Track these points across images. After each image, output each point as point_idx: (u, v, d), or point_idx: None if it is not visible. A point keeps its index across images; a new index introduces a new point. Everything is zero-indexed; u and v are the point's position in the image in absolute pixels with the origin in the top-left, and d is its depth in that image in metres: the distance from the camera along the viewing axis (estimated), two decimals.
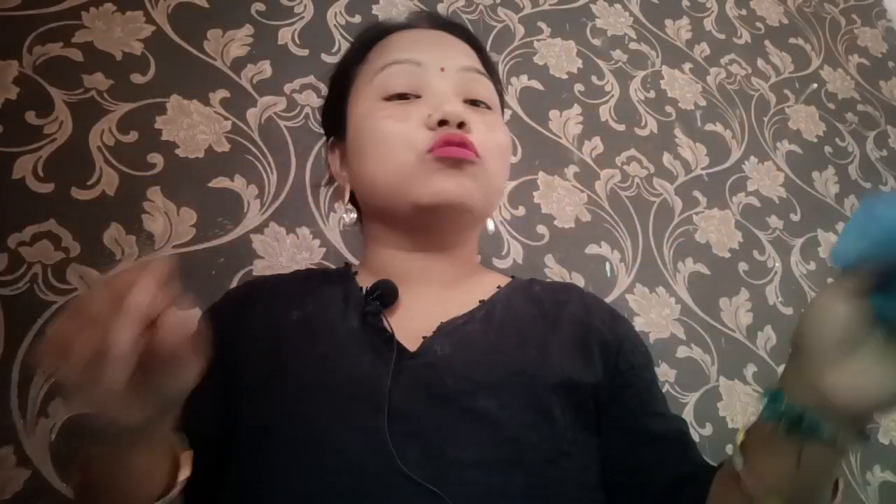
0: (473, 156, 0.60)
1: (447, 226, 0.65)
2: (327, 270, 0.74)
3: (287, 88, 1.10)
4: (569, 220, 1.20)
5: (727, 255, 1.30)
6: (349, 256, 1.01)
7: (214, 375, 0.59)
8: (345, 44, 1.18)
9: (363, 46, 0.71)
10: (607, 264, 1.19)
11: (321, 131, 1.12)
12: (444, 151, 0.59)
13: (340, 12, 1.21)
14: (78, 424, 0.78)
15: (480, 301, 0.63)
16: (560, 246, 1.17)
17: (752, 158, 1.44)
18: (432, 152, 0.59)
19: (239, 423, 0.58)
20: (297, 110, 1.09)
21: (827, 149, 1.55)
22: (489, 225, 0.71)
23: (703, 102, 1.46)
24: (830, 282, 0.41)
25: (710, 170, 1.38)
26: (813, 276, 1.35)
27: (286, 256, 0.98)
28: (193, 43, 1.07)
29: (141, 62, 1.02)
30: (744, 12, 1.65)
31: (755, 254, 1.33)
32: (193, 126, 1.01)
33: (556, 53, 1.38)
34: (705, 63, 1.52)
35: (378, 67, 0.65)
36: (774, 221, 1.38)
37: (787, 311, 1.28)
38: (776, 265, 1.33)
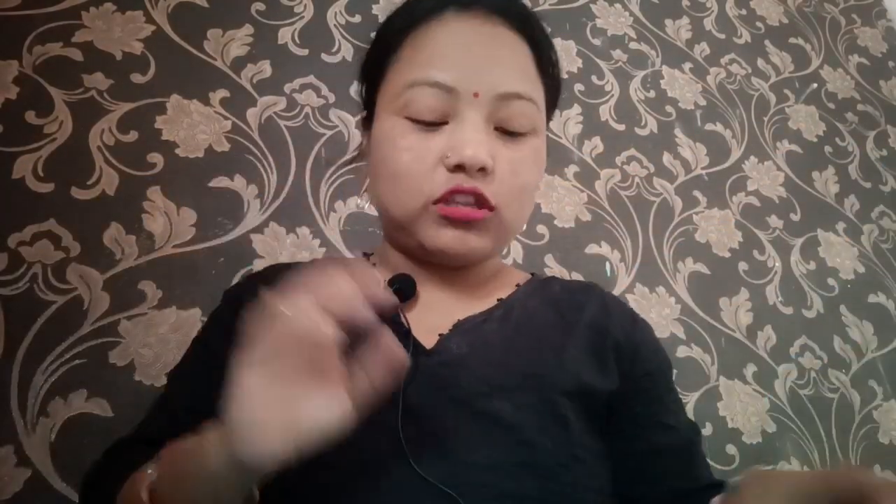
0: (483, 214, 0.57)
1: (457, 263, 0.63)
2: (345, 261, 0.72)
3: (287, 88, 1.10)
4: (569, 220, 1.20)
5: (727, 255, 1.30)
6: (349, 256, 1.00)
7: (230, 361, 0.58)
8: (345, 43, 1.18)
9: (400, 31, 0.62)
10: (607, 264, 1.19)
11: (321, 131, 1.12)
12: (450, 211, 0.57)
13: (340, 12, 1.21)
14: (77, 424, 0.79)
15: (499, 300, 0.62)
16: (560, 246, 1.17)
17: (752, 158, 1.44)
18: (438, 205, 0.57)
19: None
20: (297, 110, 1.09)
21: (827, 148, 1.55)
22: None
23: (703, 102, 1.46)
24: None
25: (710, 169, 1.38)
26: (813, 276, 1.35)
27: (286, 256, 0.98)
28: (193, 43, 1.07)
29: (141, 62, 1.02)
30: (744, 12, 1.65)
31: (755, 253, 1.33)
32: (193, 126, 1.01)
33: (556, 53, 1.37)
34: (705, 63, 1.52)
35: (408, 81, 0.59)
36: (774, 221, 1.38)
37: (787, 311, 1.28)
38: (776, 265, 1.33)
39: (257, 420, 0.36)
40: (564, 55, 1.38)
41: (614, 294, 1.13)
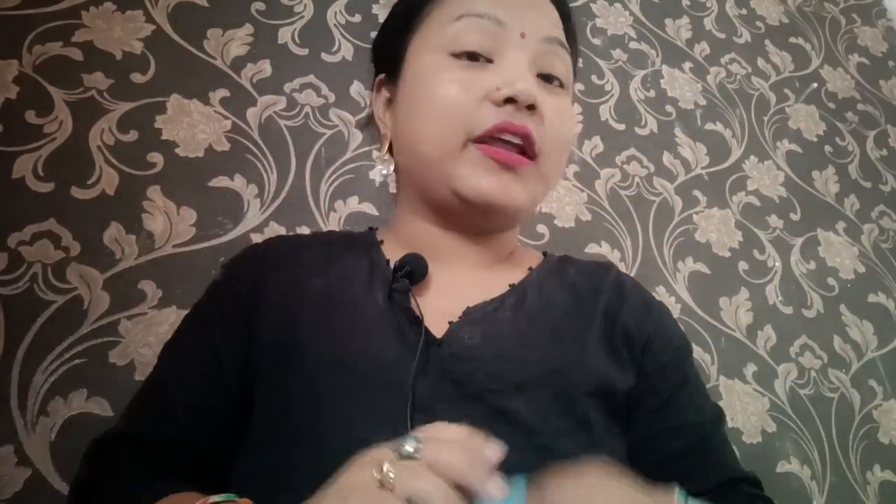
0: (527, 162, 0.55)
1: (487, 221, 0.59)
2: (350, 235, 0.68)
3: (287, 88, 1.10)
4: (569, 220, 1.20)
5: (727, 255, 1.30)
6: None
7: (235, 338, 0.56)
8: (345, 43, 1.18)
9: None
10: None
11: (321, 131, 1.12)
12: (493, 152, 0.54)
13: (340, 11, 1.21)
14: (77, 424, 0.78)
15: (511, 285, 0.59)
16: (560, 245, 1.17)
17: (752, 158, 1.44)
18: (479, 146, 0.54)
19: (255, 393, 0.54)
20: (297, 110, 1.09)
21: (827, 148, 1.55)
22: None
23: (703, 102, 1.46)
24: None
25: (710, 169, 1.38)
26: (813, 276, 1.35)
27: None
28: (193, 42, 1.07)
29: (141, 61, 1.02)
30: (744, 11, 1.65)
31: (755, 253, 1.33)
32: (193, 125, 1.01)
33: None
34: (705, 62, 1.52)
35: (455, 15, 0.57)
36: (774, 221, 1.38)
37: (787, 311, 1.28)
38: (776, 264, 1.33)
39: None
40: None
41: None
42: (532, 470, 0.47)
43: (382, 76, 0.66)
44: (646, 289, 0.67)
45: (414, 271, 0.56)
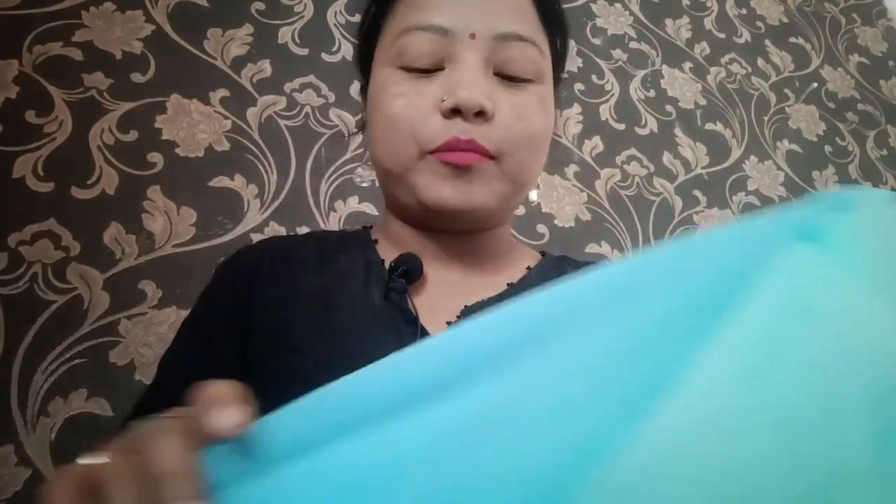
0: (481, 159, 0.54)
1: (458, 224, 0.58)
2: (344, 234, 0.68)
3: (287, 88, 1.10)
4: (569, 220, 1.20)
5: None
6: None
7: (231, 336, 0.55)
8: (345, 43, 1.18)
9: None
10: None
11: (321, 131, 1.12)
12: (447, 156, 0.53)
13: (340, 11, 1.21)
14: (77, 424, 0.78)
15: (508, 284, 0.58)
16: (560, 245, 1.17)
17: (753, 157, 1.44)
18: (439, 153, 0.53)
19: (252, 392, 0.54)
20: (297, 109, 1.09)
21: (827, 148, 1.55)
22: (532, 195, 0.62)
23: (704, 102, 1.46)
24: None
25: (710, 169, 1.38)
26: None
27: None
28: (193, 42, 1.07)
29: (141, 61, 1.02)
30: (744, 11, 1.65)
31: None
32: (193, 125, 1.01)
33: None
34: (705, 62, 1.52)
35: (398, 30, 0.56)
36: None
37: None
38: None
39: None
40: None
41: None
42: None
43: (363, 84, 0.67)
44: None
45: (409, 271, 0.56)
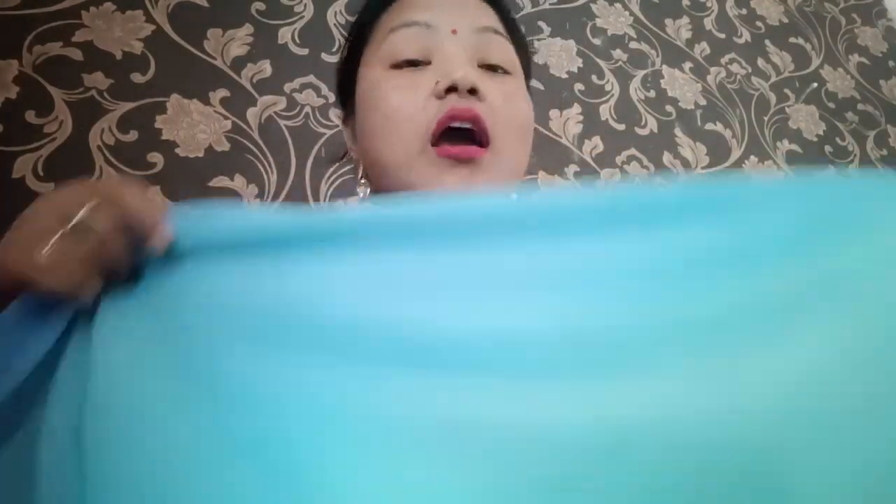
0: (482, 153, 0.56)
1: None
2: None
3: (287, 88, 1.10)
4: None
5: None
6: None
7: None
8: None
9: (375, 7, 0.65)
10: None
11: (321, 131, 1.12)
12: (448, 151, 0.55)
13: (340, 11, 1.21)
14: None
15: None
16: None
17: (753, 158, 1.44)
18: (439, 148, 0.55)
19: None
20: (297, 110, 1.09)
21: (827, 148, 1.55)
22: None
23: (704, 102, 1.46)
24: None
25: (710, 169, 1.38)
26: None
27: None
28: (193, 42, 1.07)
29: (141, 61, 1.02)
30: (744, 11, 1.65)
31: None
32: (193, 125, 1.01)
33: (557, 53, 1.38)
34: (705, 62, 1.52)
35: (386, 30, 0.60)
36: None
37: None
38: None
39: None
40: (564, 55, 1.38)
41: None
42: None
43: (343, 114, 0.68)
44: None
45: None
